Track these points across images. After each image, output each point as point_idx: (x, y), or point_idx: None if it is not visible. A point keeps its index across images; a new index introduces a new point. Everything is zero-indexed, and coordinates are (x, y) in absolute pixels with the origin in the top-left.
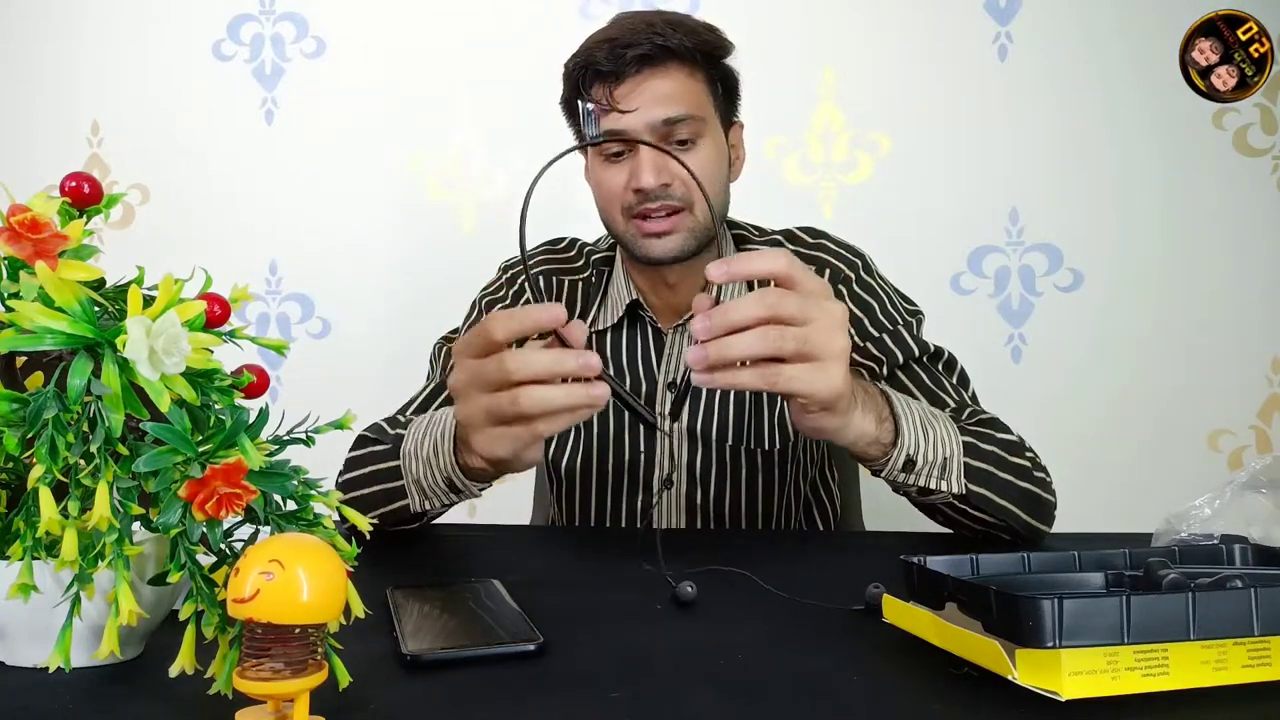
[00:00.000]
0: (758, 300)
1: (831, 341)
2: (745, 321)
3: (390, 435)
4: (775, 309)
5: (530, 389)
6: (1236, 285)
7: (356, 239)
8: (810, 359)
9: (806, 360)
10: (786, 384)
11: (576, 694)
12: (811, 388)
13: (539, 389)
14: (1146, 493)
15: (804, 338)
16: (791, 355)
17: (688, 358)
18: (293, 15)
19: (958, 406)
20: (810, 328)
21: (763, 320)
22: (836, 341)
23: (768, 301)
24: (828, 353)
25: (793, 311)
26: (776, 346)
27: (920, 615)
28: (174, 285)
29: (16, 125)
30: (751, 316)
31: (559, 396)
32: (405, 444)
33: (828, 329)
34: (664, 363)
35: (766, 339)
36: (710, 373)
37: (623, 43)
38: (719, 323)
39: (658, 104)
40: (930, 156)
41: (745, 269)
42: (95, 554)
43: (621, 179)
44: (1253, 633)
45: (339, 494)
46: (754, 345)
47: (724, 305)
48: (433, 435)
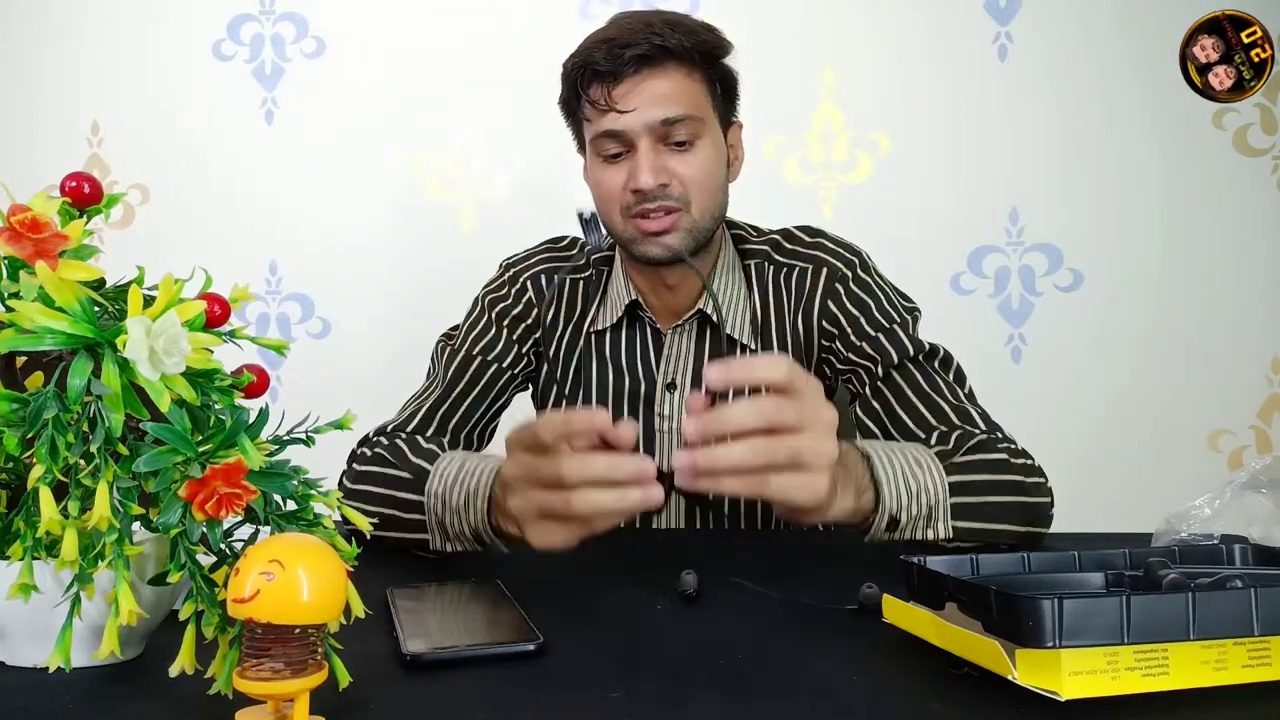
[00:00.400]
0: (755, 411)
1: (821, 452)
2: (740, 430)
3: (411, 464)
4: (772, 420)
5: (584, 493)
6: (1236, 285)
7: (356, 239)
8: (799, 469)
9: (795, 470)
10: (774, 493)
11: (576, 694)
12: (798, 497)
13: (593, 493)
14: (1146, 493)
15: (796, 449)
16: (781, 465)
17: (675, 462)
18: (293, 15)
19: (953, 410)
20: (802, 437)
21: (758, 431)
22: (826, 451)
23: (765, 412)
24: (817, 464)
25: (790, 422)
26: (768, 459)
27: (920, 615)
28: (174, 285)
29: (16, 125)
30: (747, 426)
31: (611, 501)
32: (432, 484)
33: (819, 438)
34: (663, 363)
35: (758, 451)
36: (696, 479)
37: (621, 43)
38: (712, 429)
39: (656, 104)
40: (930, 156)
41: (745, 375)
42: (95, 554)
43: (620, 179)
44: (1253, 633)
45: (339, 494)
46: (745, 458)
47: (719, 412)
48: (465, 487)
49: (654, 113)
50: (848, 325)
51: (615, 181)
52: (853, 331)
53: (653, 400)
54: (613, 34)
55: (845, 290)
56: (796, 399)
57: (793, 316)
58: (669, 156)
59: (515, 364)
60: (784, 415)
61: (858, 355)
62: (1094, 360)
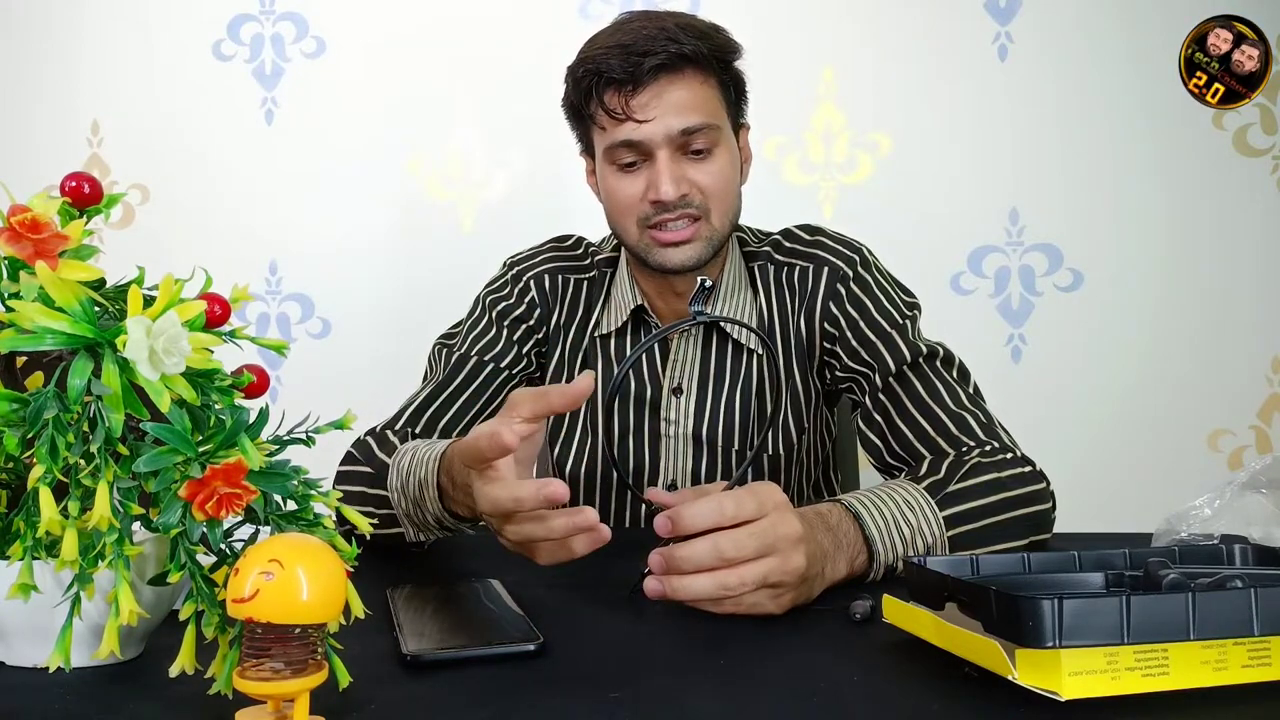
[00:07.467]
0: (712, 550)
1: (789, 571)
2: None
3: (377, 460)
4: (731, 557)
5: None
6: (1237, 285)
7: (356, 239)
8: (770, 587)
9: (767, 588)
10: (745, 610)
11: (576, 694)
12: (769, 608)
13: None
14: (1146, 493)
15: (762, 575)
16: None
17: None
18: (293, 15)
19: (952, 419)
20: (767, 561)
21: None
22: (792, 569)
23: (722, 550)
24: (785, 581)
25: (749, 555)
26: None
27: (920, 615)
28: (174, 285)
29: (16, 125)
30: (707, 565)
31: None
32: (391, 478)
33: (784, 559)
34: (669, 368)
35: (723, 585)
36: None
37: (638, 50)
38: (673, 568)
39: (675, 114)
40: (930, 156)
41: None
42: (95, 554)
43: (637, 189)
44: (1253, 633)
45: (338, 494)
46: (708, 591)
47: (681, 549)
48: (418, 476)
49: (673, 122)
50: (848, 327)
51: (632, 191)
52: (853, 335)
53: (658, 405)
54: (627, 39)
55: (846, 291)
56: (756, 525)
57: (795, 318)
58: (688, 166)
59: (514, 365)
60: (743, 550)
61: (857, 362)
62: (1094, 360)
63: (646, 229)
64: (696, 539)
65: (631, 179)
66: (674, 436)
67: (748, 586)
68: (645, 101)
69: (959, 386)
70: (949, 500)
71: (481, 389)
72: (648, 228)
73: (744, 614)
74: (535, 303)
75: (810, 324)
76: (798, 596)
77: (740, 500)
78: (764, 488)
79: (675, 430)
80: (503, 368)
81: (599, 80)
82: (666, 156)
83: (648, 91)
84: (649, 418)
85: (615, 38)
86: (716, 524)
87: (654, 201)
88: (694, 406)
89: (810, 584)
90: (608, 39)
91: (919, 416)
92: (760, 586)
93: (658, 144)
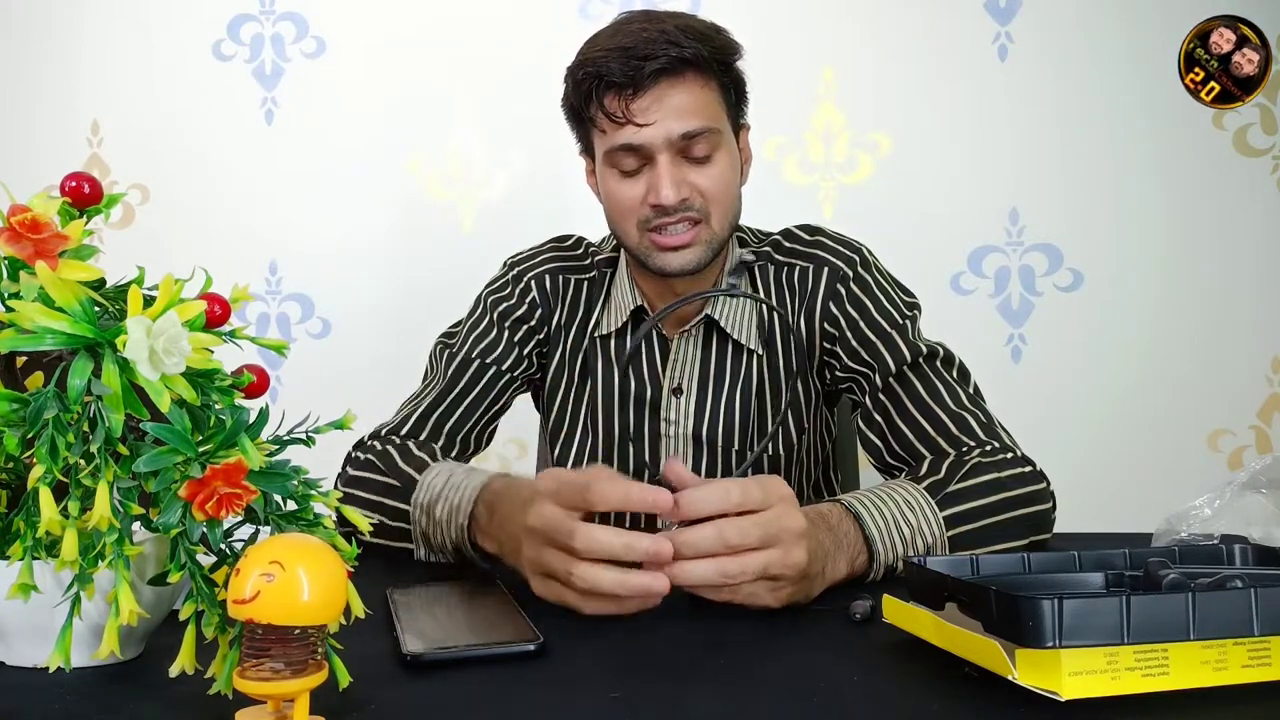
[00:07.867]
0: (716, 537)
1: (789, 564)
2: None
3: (401, 472)
4: (734, 545)
5: (585, 568)
6: (1236, 285)
7: (356, 239)
8: (769, 579)
9: (766, 579)
10: (743, 600)
11: (576, 694)
12: (768, 601)
13: (594, 569)
14: (1146, 493)
15: (763, 565)
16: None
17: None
18: (293, 15)
19: (952, 420)
20: (769, 553)
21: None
22: (794, 562)
23: (727, 538)
24: (786, 574)
25: (753, 543)
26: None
27: (920, 615)
28: (174, 285)
29: (16, 125)
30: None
31: (609, 583)
32: (418, 495)
33: (786, 551)
34: (669, 368)
35: (724, 573)
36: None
37: (639, 53)
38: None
39: (676, 118)
40: (930, 156)
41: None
42: (95, 554)
43: (637, 193)
44: (1253, 633)
45: (338, 494)
46: (708, 577)
47: (684, 534)
48: (450, 502)
49: (674, 126)
50: (848, 327)
51: (632, 195)
52: (853, 335)
53: (658, 406)
54: (628, 42)
55: (846, 291)
56: (761, 515)
57: (795, 318)
58: (688, 169)
59: (515, 366)
60: (747, 538)
61: (857, 362)
62: (1094, 360)
63: (646, 232)
64: (702, 524)
65: (631, 182)
66: (674, 437)
67: (748, 575)
68: (645, 105)
69: (959, 386)
70: (949, 500)
71: (484, 393)
72: (648, 231)
73: (740, 604)
74: (536, 303)
75: (810, 324)
76: (796, 593)
77: (747, 489)
78: (771, 480)
79: (675, 430)
80: (504, 371)
81: (599, 83)
82: (667, 160)
83: (648, 95)
84: (649, 418)
85: (615, 40)
86: (722, 510)
87: (654, 205)
88: (694, 407)
89: (810, 582)
90: (607, 40)
91: (919, 416)
92: (760, 577)
93: (658, 148)
